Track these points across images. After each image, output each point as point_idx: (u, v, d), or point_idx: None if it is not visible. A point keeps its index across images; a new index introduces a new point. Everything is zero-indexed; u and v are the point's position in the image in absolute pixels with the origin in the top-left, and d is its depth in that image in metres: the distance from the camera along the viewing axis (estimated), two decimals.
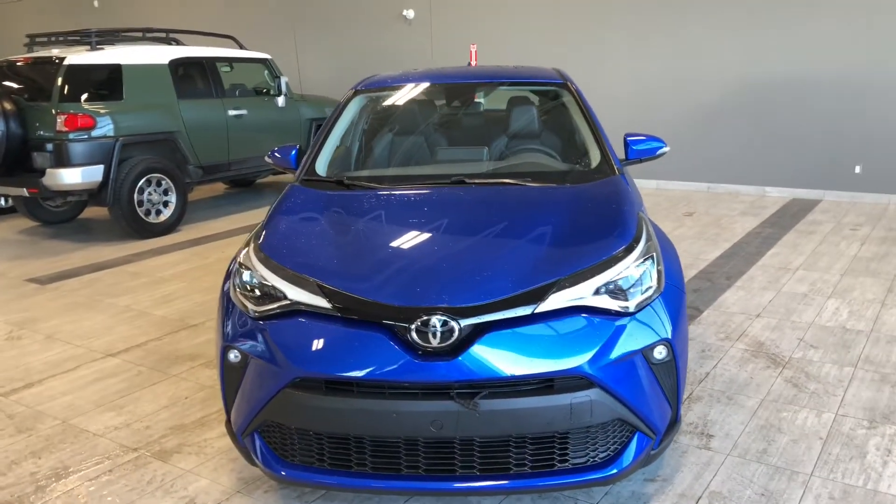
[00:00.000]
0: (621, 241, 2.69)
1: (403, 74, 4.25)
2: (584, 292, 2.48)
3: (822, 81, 8.05)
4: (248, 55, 8.78)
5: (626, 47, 9.21)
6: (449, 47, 10.56)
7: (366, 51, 11.28)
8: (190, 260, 6.54)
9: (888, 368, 3.85)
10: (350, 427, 2.40)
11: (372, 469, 2.46)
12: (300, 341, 2.46)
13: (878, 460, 3.00)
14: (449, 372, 2.32)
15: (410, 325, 2.37)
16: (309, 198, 3.24)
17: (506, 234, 2.77)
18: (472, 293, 2.43)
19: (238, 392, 2.69)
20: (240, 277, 2.75)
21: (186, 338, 4.64)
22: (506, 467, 2.43)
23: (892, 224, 7.08)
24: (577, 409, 2.36)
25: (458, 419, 2.33)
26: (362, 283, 2.51)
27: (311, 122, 9.29)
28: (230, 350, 2.66)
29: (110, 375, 4.11)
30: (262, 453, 2.58)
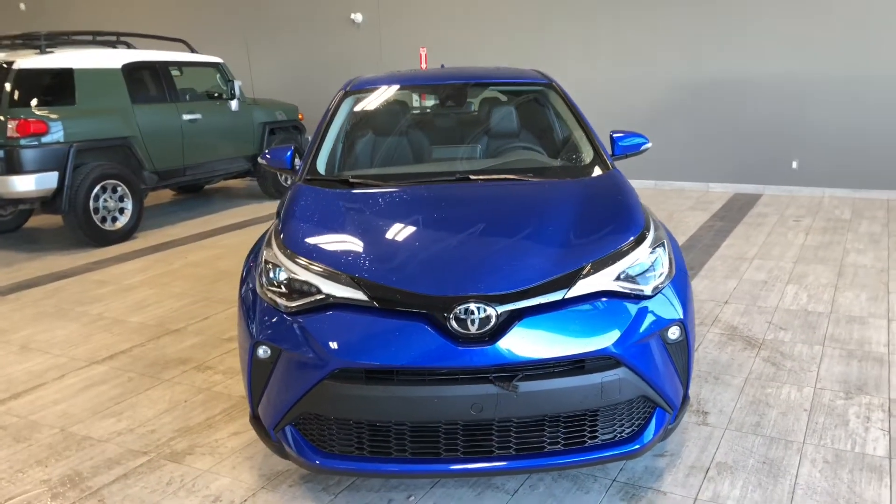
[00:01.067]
0: (633, 230, 2.86)
1: (390, 76, 4.33)
2: (607, 278, 2.63)
3: (761, 83, 8.51)
4: (201, 59, 8.66)
5: (571, 50, 9.50)
6: (399, 51, 10.66)
7: (316, 55, 11.26)
8: (154, 266, 6.43)
9: (852, 345, 4.15)
10: (392, 414, 2.48)
11: (412, 454, 2.54)
12: (339, 333, 2.53)
13: (860, 427, 3.26)
14: (488, 357, 2.43)
15: (449, 313, 2.47)
16: (321, 196, 3.29)
17: (524, 225, 2.90)
18: (506, 281, 2.54)
19: (267, 387, 2.73)
20: (267, 275, 2.79)
21: (171, 343, 4.59)
22: (540, 446, 2.55)
23: (829, 215, 7.54)
24: (607, 387, 2.51)
25: (497, 401, 2.44)
26: (396, 274, 2.59)
27: (264, 126, 9.23)
28: (259, 346, 2.69)
29: (100, 382, 4.05)
30: (298, 445, 2.63)
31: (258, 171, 9.25)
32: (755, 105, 8.62)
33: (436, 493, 2.87)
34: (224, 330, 4.78)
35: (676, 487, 2.85)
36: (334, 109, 3.97)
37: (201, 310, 5.21)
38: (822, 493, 2.77)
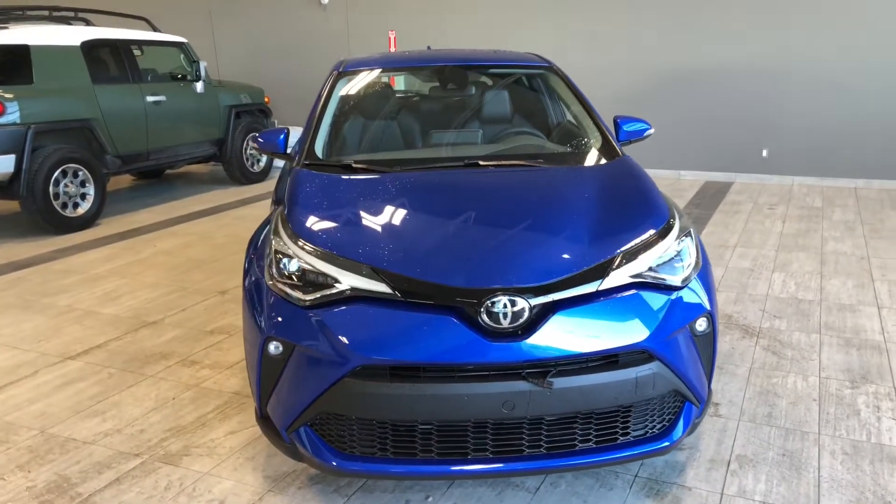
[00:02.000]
0: (660, 218, 2.76)
1: (383, 57, 4.16)
2: (639, 268, 2.54)
3: (732, 72, 8.55)
4: (164, 38, 8.30)
5: (543, 37, 9.40)
6: (367, 33, 10.42)
7: (282, 37, 10.94)
8: (122, 255, 6.13)
9: (848, 333, 4.16)
10: (419, 413, 2.34)
11: (438, 455, 2.42)
12: (361, 328, 2.38)
13: (871, 417, 3.25)
14: (522, 352, 2.31)
15: (480, 306, 2.34)
16: (327, 182, 3.11)
17: (549, 214, 2.78)
18: (539, 273, 2.42)
19: (277, 386, 2.56)
20: (277, 266, 2.61)
21: (149, 336, 4.36)
22: (572, 444, 2.45)
23: (801, 203, 7.63)
24: (641, 382, 2.41)
25: (530, 398, 2.33)
26: (421, 265, 2.45)
27: (230, 108, 8.92)
28: (271, 342, 2.53)
29: (77, 379, 3.81)
30: (315, 447, 2.47)
31: (224, 155, 8.95)
32: (727, 94, 8.66)
33: (454, 493, 2.75)
34: (205, 322, 4.57)
35: (700, 482, 2.78)
36: (329, 91, 3.79)
37: (178, 301, 4.97)
38: (847, 486, 2.74)
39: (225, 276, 5.47)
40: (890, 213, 7.13)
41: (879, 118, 8.07)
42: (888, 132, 8.09)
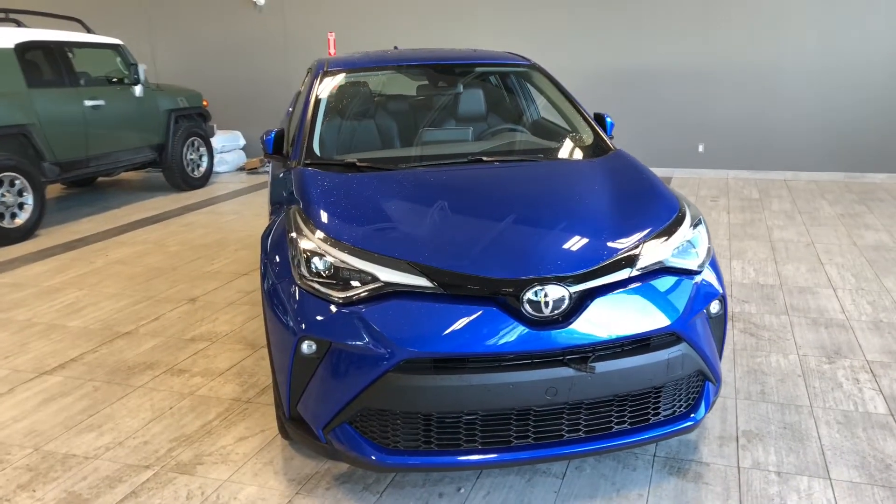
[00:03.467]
0: (672, 208, 2.88)
1: (367, 57, 4.16)
2: (663, 255, 2.64)
3: (669, 72, 8.89)
4: (100, 40, 7.98)
5: (483, 38, 9.53)
6: (305, 36, 10.30)
7: (218, 39, 10.67)
8: (73, 266, 5.87)
9: (813, 314, 4.42)
10: (465, 403, 2.37)
11: (482, 444, 2.45)
12: (404, 322, 2.38)
13: (853, 388, 3.47)
14: (565, 339, 2.37)
15: (522, 295, 2.38)
16: (338, 181, 3.08)
17: (569, 205, 2.85)
18: (574, 261, 2.49)
19: (310, 385, 2.54)
20: (307, 265, 2.58)
21: (127, 347, 4.20)
22: (608, 427, 2.53)
23: (740, 195, 8.01)
24: (672, 363, 2.51)
25: (572, 384, 2.39)
26: (460, 259, 2.48)
27: (169, 113, 8.65)
28: (304, 341, 2.50)
29: (60, 395, 3.64)
30: (356, 444, 2.46)
31: (164, 161, 8.68)
32: (664, 93, 9.00)
33: (485, 483, 2.79)
34: (182, 330, 4.44)
35: (716, 458, 2.91)
36: (317, 91, 3.75)
37: (147, 310, 4.81)
38: (849, 453, 2.92)
39: (189, 284, 5.32)
40: (821, 202, 7.59)
41: (806, 114, 8.57)
42: (814, 127, 8.60)
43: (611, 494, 2.70)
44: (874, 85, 8.32)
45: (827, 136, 8.62)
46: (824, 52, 8.39)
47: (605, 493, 2.71)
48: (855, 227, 6.51)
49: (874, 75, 8.30)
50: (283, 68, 10.49)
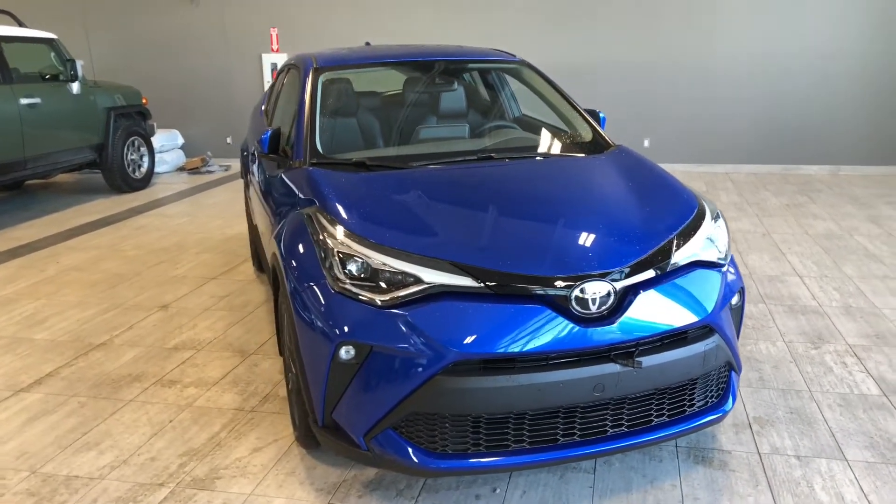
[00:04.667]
0: (692, 202, 2.94)
1: (356, 53, 4.07)
2: (695, 248, 2.69)
3: (612, 67, 9.09)
4: (33, 34, 7.54)
5: (430, 32, 9.50)
6: (245, 30, 10.00)
7: (153, 34, 10.24)
8: (24, 275, 5.53)
9: (788, 301, 4.61)
10: (515, 404, 2.35)
11: (530, 444, 2.44)
12: (452, 324, 2.34)
13: (844, 371, 3.63)
14: (613, 335, 2.39)
15: (570, 293, 2.38)
16: (354, 181, 3.00)
17: (595, 201, 2.87)
18: (616, 257, 2.50)
19: (348, 392, 2.48)
20: (342, 268, 2.50)
21: (106, 359, 3.99)
22: (648, 420, 2.56)
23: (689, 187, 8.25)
24: (707, 355, 2.57)
25: (618, 380, 2.41)
26: (503, 257, 2.45)
27: (108, 111, 8.26)
28: (342, 346, 2.43)
29: (44, 413, 3.43)
30: (401, 450, 2.41)
31: (105, 162, 8.29)
32: (610, 89, 9.19)
33: (519, 482, 2.78)
34: (161, 339, 4.25)
35: (735, 445, 2.99)
36: (314, 88, 3.64)
37: (118, 319, 4.58)
38: (859, 433, 3.05)
39: (158, 290, 5.10)
40: (766, 193, 7.91)
41: (745, 109, 8.91)
42: (753, 122, 8.95)
43: (645, 487, 2.74)
44: (808, 81, 8.73)
45: (765, 130, 8.99)
46: (762, 48, 8.74)
47: (640, 486, 2.75)
48: (802, 216, 6.82)
49: (807, 71, 8.70)
50: (223, 65, 10.17)
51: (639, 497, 2.68)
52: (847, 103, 8.72)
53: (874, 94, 8.64)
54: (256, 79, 10.12)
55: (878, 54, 8.53)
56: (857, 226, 6.41)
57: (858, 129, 8.77)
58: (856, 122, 8.75)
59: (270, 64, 9.99)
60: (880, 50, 8.51)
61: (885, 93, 8.61)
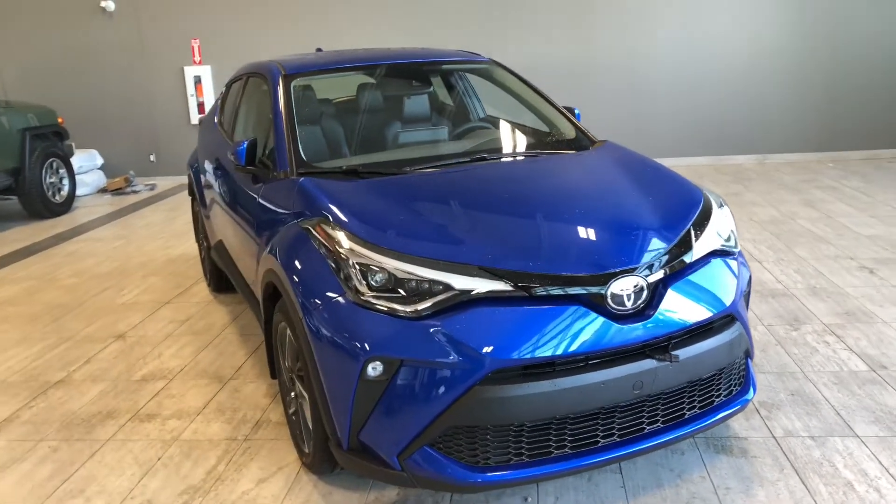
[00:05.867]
0: (697, 194, 2.93)
1: (323, 58, 3.91)
2: (711, 237, 2.68)
3: (543, 66, 9.19)
4: None
5: (364, 36, 9.36)
6: (164, 42, 9.57)
7: (65, 49, 9.65)
8: None
9: (756, 286, 4.71)
10: (558, 408, 2.27)
11: (571, 448, 2.36)
12: (489, 330, 2.24)
13: (828, 350, 3.73)
14: (649, 330, 2.34)
15: (606, 290, 2.33)
16: (355, 189, 2.85)
17: (606, 196, 2.82)
18: (643, 251, 2.46)
19: (376, 411, 2.34)
20: (363, 279, 2.36)
21: (68, 397, 3.69)
22: (682, 414, 2.53)
23: None
24: (733, 344, 2.56)
25: (655, 375, 2.37)
26: (533, 259, 2.36)
27: (22, 132, 7.73)
28: (370, 363, 2.30)
29: (12, 461, 3.12)
30: (440, 467, 2.28)
31: (22, 187, 7.75)
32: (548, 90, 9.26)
33: (549, 488, 2.71)
34: (125, 370, 3.96)
35: (749, 431, 3.01)
36: (286, 96, 3.46)
37: (71, 353, 4.25)
38: (862, 409, 3.13)
39: (108, 319, 4.77)
40: (703, 183, 8.13)
41: (675, 103, 9.18)
42: (683, 115, 9.22)
43: (675, 481, 2.71)
44: (732, 75, 9.06)
45: (694, 123, 9.27)
46: (687, 44, 9.02)
47: (670, 481, 2.72)
48: (742, 205, 7.04)
49: (731, 66, 9.04)
50: (141, 79, 9.70)
51: (672, 492, 2.65)
52: (770, 95, 9.09)
53: (794, 85, 9.04)
54: (179, 92, 9.70)
55: (795, 50, 8.94)
56: (796, 210, 6.67)
57: (782, 119, 9.16)
58: (779, 112, 9.14)
59: (193, 77, 9.60)
60: (797, 45, 8.93)
61: (805, 85, 9.03)
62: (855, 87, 9.00)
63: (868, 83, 8.97)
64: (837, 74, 8.98)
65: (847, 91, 9.02)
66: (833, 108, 9.08)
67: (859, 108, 9.05)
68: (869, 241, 5.57)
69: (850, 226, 6.01)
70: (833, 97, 9.05)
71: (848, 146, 9.20)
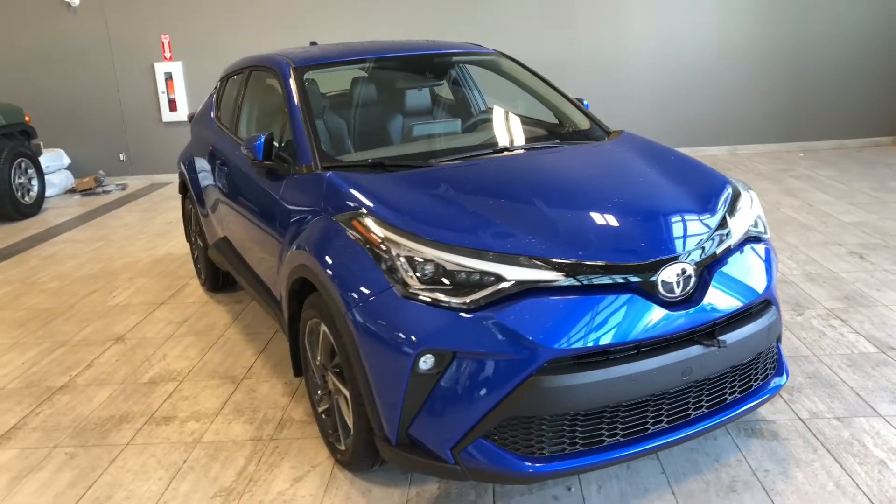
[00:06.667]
0: (723, 181, 2.95)
1: (336, 50, 3.85)
2: (744, 223, 2.71)
3: None
4: None
5: (340, 30, 9.27)
6: (132, 39, 9.33)
7: (28, 45, 9.33)
8: None
9: None
10: (612, 397, 2.28)
11: (623, 436, 2.37)
12: (544, 320, 2.23)
13: (836, 334, 3.81)
14: (699, 316, 2.36)
15: (656, 277, 2.34)
16: (387, 181, 2.81)
17: (641, 185, 2.81)
18: (685, 238, 2.47)
19: (428, 405, 2.32)
20: (413, 272, 2.33)
21: (76, 402, 3.57)
22: (724, 399, 2.56)
23: None
24: (771, 329, 2.60)
25: (702, 361, 2.39)
26: (579, 248, 2.35)
27: None
28: (423, 356, 2.27)
29: (29, 470, 3.01)
30: (496, 459, 2.27)
31: None
32: None
33: (591, 478, 2.71)
34: (132, 373, 3.85)
35: (776, 415, 3.06)
36: (300, 89, 3.40)
37: (70, 357, 4.12)
38: (880, 390, 3.21)
39: (102, 322, 4.64)
40: None
41: (649, 97, 9.30)
42: (656, 108, 9.35)
43: (713, 465, 2.75)
44: (703, 68, 9.22)
45: (668, 115, 9.40)
46: (660, 39, 9.15)
47: (708, 465, 2.75)
48: None
49: (701, 59, 9.19)
50: (109, 76, 9.45)
51: (712, 476, 2.68)
52: (740, 88, 9.27)
53: (763, 78, 9.24)
54: (149, 89, 9.47)
55: (762, 43, 9.14)
56: (778, 199, 6.81)
57: (752, 110, 9.35)
58: (750, 104, 9.32)
59: (164, 73, 9.38)
60: (764, 39, 9.12)
61: (773, 77, 9.24)
62: (820, 80, 9.24)
63: (832, 75, 9.21)
64: (803, 67, 9.21)
65: (813, 83, 9.25)
66: (800, 99, 9.31)
67: (825, 100, 9.29)
68: (853, 227, 5.72)
69: (833, 213, 6.16)
70: (800, 89, 9.28)
71: (816, 136, 9.44)
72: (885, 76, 9.21)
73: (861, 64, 9.17)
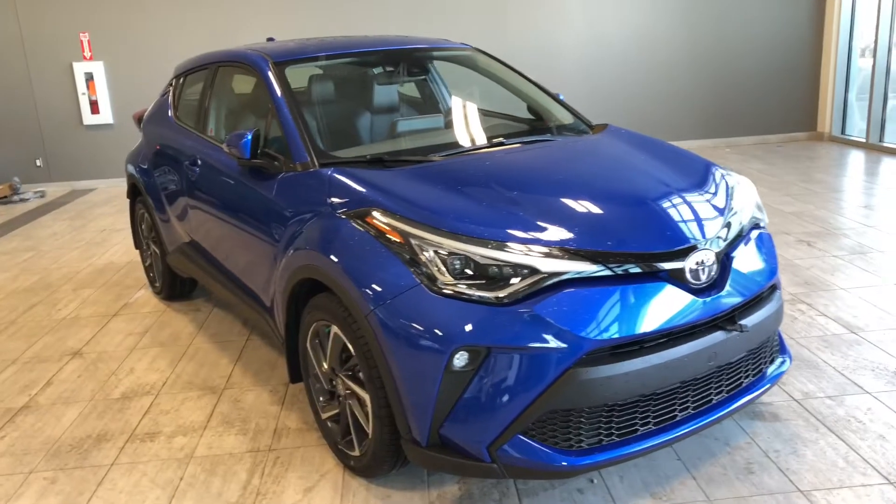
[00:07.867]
0: (717, 168, 3.03)
1: (309, 45, 3.72)
2: (749, 211, 2.78)
3: None
4: None
5: (280, 29, 9.03)
6: (47, 37, 8.80)
7: None
8: None
9: None
10: (647, 386, 2.28)
11: (655, 424, 2.38)
12: (580, 311, 2.21)
13: (806, 318, 3.97)
14: (725, 302, 2.40)
15: (685, 265, 2.36)
16: (398, 177, 2.71)
17: (652, 175, 2.82)
18: (708, 225, 2.50)
19: (461, 403, 2.26)
20: (446, 267, 2.27)
21: (43, 422, 3.32)
22: (740, 382, 2.61)
23: None
24: (779, 311, 2.68)
25: (725, 346, 2.43)
26: (610, 238, 2.34)
27: None
28: (457, 353, 2.21)
29: (7, 498, 2.77)
30: (534, 455, 2.23)
31: None
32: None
33: (611, 469, 2.71)
34: (99, 389, 3.62)
35: (771, 397, 3.15)
36: (282, 85, 3.26)
37: (25, 376, 3.83)
38: (859, 368, 3.35)
39: (53, 337, 4.34)
40: None
41: (586, 92, 9.49)
42: (594, 106, 9.53)
43: (726, 449, 2.80)
44: (630, 67, 9.48)
45: (594, 113, 9.57)
46: (588, 39, 9.35)
47: (721, 450, 2.80)
48: None
49: (628, 58, 9.45)
50: (22, 77, 8.88)
51: (727, 459, 2.73)
52: (665, 86, 9.58)
53: (687, 76, 9.58)
54: (68, 91, 8.95)
55: (684, 42, 9.49)
56: None
57: (678, 108, 9.68)
58: (675, 101, 9.65)
59: (84, 73, 8.89)
60: (685, 38, 9.47)
61: (697, 75, 9.59)
62: (740, 77, 9.65)
63: (752, 72, 9.64)
64: (723, 65, 9.60)
65: (734, 81, 9.66)
66: (723, 96, 9.70)
67: (746, 97, 9.72)
68: (794, 217, 5.99)
69: (772, 204, 6.44)
70: (722, 87, 9.67)
71: (739, 132, 9.86)
72: (797, 75, 9.71)
73: (775, 63, 9.63)
